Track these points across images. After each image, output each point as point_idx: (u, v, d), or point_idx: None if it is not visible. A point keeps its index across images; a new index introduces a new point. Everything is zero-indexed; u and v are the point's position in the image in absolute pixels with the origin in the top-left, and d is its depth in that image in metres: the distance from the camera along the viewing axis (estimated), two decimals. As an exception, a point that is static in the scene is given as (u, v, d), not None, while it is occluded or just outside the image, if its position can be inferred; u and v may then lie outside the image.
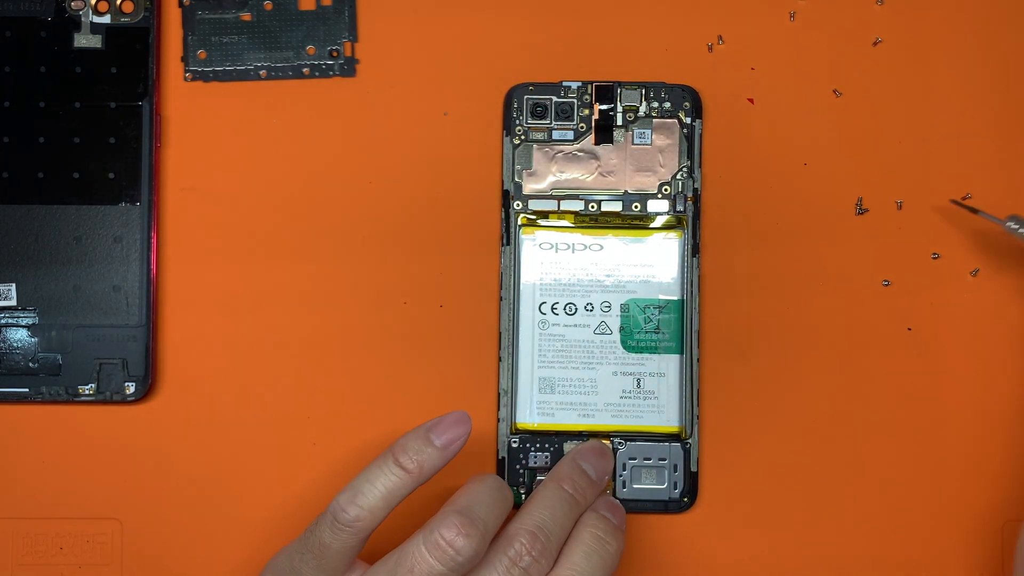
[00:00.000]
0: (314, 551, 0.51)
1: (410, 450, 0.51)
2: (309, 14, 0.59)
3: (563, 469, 0.54)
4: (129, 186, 0.58)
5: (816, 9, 0.59)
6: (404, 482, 0.51)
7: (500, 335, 0.57)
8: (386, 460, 0.51)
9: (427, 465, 0.51)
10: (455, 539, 0.49)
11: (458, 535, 0.49)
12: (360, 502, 0.50)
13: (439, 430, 0.52)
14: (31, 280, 0.57)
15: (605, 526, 0.53)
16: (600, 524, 0.53)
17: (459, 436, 0.52)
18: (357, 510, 0.50)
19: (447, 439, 0.52)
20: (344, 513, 0.50)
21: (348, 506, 0.50)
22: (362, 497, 0.51)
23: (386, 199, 0.58)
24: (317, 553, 0.51)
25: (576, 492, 0.53)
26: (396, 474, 0.51)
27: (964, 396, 0.58)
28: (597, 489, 0.55)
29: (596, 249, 0.57)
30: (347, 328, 0.58)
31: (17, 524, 0.58)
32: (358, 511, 0.50)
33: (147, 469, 0.58)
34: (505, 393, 0.57)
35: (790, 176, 0.59)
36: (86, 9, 0.58)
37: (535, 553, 0.50)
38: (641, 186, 0.57)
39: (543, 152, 0.58)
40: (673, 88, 0.58)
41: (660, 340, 0.57)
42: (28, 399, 0.57)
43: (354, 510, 0.50)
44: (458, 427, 0.52)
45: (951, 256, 0.58)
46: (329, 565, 0.51)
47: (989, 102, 0.59)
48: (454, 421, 0.52)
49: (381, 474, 0.51)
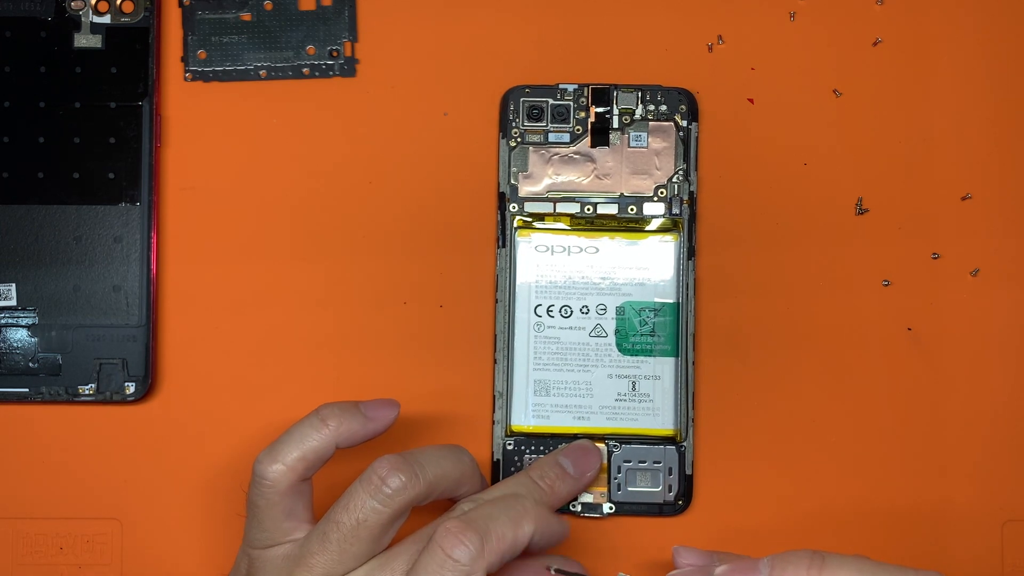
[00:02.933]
0: (249, 511, 0.52)
1: (334, 408, 0.53)
2: (309, 14, 0.59)
3: (538, 461, 0.55)
4: (129, 186, 0.58)
5: (816, 9, 0.59)
6: (322, 436, 0.52)
7: (496, 337, 0.57)
8: (308, 418, 0.52)
9: (346, 426, 0.52)
10: (387, 475, 0.50)
11: (390, 471, 0.50)
12: (275, 454, 0.51)
13: (369, 404, 0.53)
14: (31, 280, 0.57)
15: None
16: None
17: (385, 415, 0.53)
18: (271, 461, 0.51)
19: (373, 413, 0.53)
20: (259, 465, 0.51)
21: (264, 459, 0.51)
22: (278, 450, 0.51)
23: (386, 199, 0.58)
24: (251, 515, 0.52)
25: (542, 481, 0.54)
26: (315, 428, 0.52)
27: (964, 396, 0.58)
28: (573, 484, 0.55)
29: (592, 252, 0.57)
30: (347, 328, 0.58)
31: (17, 524, 0.58)
32: (273, 463, 0.51)
33: (147, 469, 0.58)
34: (500, 395, 0.57)
35: (790, 176, 0.59)
36: (86, 9, 0.58)
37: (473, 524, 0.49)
38: (637, 189, 0.57)
39: (539, 154, 0.58)
40: (669, 91, 0.58)
41: (655, 343, 0.57)
42: (28, 399, 0.57)
43: (268, 461, 0.51)
44: (386, 407, 0.54)
45: (951, 256, 0.58)
46: (265, 522, 0.52)
47: (989, 102, 0.59)
48: (384, 403, 0.54)
49: (300, 429, 0.52)
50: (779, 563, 0.48)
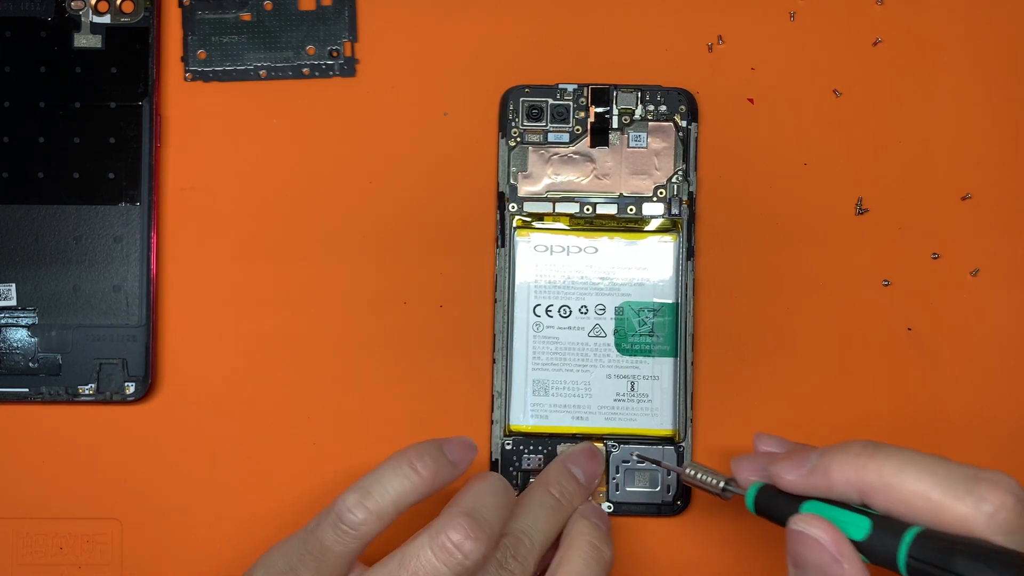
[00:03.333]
0: (314, 552, 0.49)
1: (426, 457, 0.50)
2: (309, 14, 0.59)
3: (551, 473, 0.54)
4: (129, 186, 0.58)
5: (816, 9, 0.59)
6: (416, 487, 0.49)
7: (494, 337, 0.57)
8: (399, 463, 0.50)
9: (440, 475, 0.50)
10: (463, 542, 0.47)
11: (466, 538, 0.47)
12: (369, 504, 0.49)
13: (451, 448, 0.51)
14: (31, 280, 0.57)
15: (599, 534, 0.52)
16: (594, 532, 0.52)
17: (468, 458, 0.52)
18: (365, 513, 0.49)
19: (458, 457, 0.51)
20: (351, 515, 0.48)
21: (356, 508, 0.49)
22: (371, 499, 0.49)
23: (386, 199, 0.58)
24: (317, 555, 0.49)
25: (562, 496, 0.53)
26: (409, 478, 0.49)
27: (964, 396, 0.58)
28: (585, 493, 0.55)
29: (591, 252, 0.57)
30: (347, 328, 0.58)
31: (17, 524, 0.58)
32: (366, 514, 0.49)
33: (147, 469, 0.58)
34: (499, 395, 0.57)
35: (790, 176, 0.59)
36: (86, 9, 0.58)
37: (519, 557, 0.50)
38: (636, 189, 0.57)
39: (539, 154, 0.58)
40: (669, 91, 0.58)
41: (654, 343, 0.57)
42: (28, 399, 0.57)
43: (362, 512, 0.49)
44: (468, 451, 0.52)
45: (951, 256, 0.58)
46: (328, 568, 0.49)
47: (989, 102, 0.59)
48: (465, 444, 0.52)
49: (394, 476, 0.49)
50: (831, 451, 0.46)
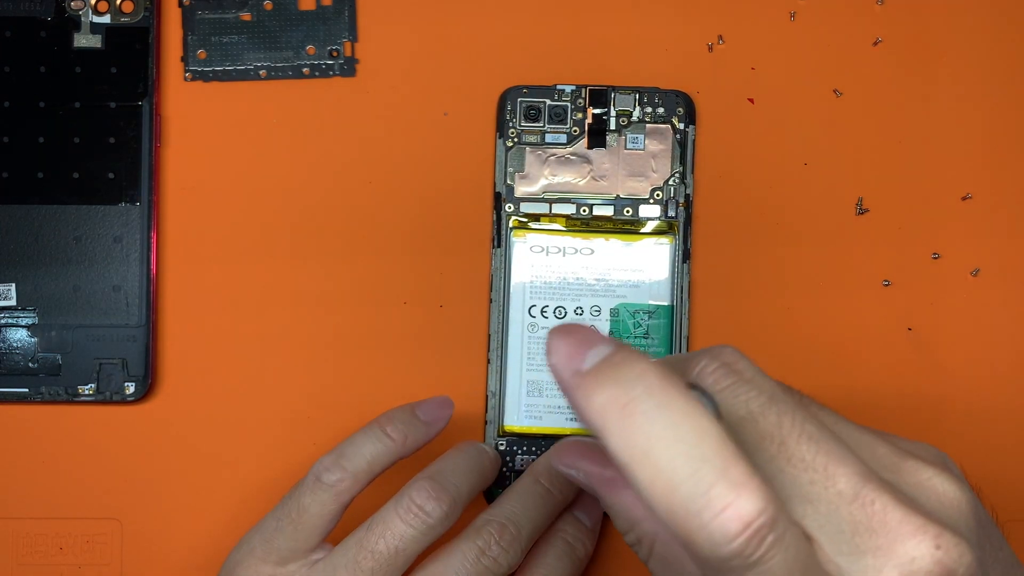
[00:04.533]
0: (291, 516, 0.51)
1: (396, 420, 0.52)
2: (309, 14, 0.59)
3: (541, 463, 0.54)
4: (129, 186, 0.58)
5: (816, 9, 0.59)
6: (388, 449, 0.51)
7: (489, 337, 0.58)
8: (372, 428, 0.52)
9: (411, 437, 0.52)
10: (425, 502, 0.49)
11: (428, 498, 0.49)
12: (344, 463, 0.51)
13: (424, 408, 0.53)
14: (31, 280, 0.57)
15: (575, 530, 0.53)
16: (571, 528, 0.53)
17: (442, 417, 0.53)
18: (340, 471, 0.50)
19: (432, 417, 0.53)
20: (328, 473, 0.50)
21: (332, 467, 0.50)
22: (346, 460, 0.51)
23: (386, 199, 0.58)
24: (294, 518, 0.51)
25: (552, 486, 0.53)
26: (382, 441, 0.51)
27: (964, 396, 0.58)
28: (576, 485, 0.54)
29: (587, 253, 0.57)
30: (347, 328, 0.58)
31: (17, 524, 0.58)
32: (341, 472, 0.50)
33: (147, 469, 0.58)
34: (493, 395, 0.57)
35: (790, 176, 0.58)
36: (86, 9, 0.58)
37: (504, 543, 0.50)
38: (633, 191, 0.57)
39: (536, 155, 0.58)
40: (667, 93, 0.58)
41: (649, 345, 0.57)
42: (28, 399, 0.57)
43: (337, 471, 0.50)
44: (443, 409, 0.53)
45: (951, 256, 0.58)
46: (305, 530, 0.51)
47: (989, 102, 0.59)
48: (439, 403, 0.53)
49: (367, 440, 0.51)
50: None
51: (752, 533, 0.33)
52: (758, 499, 0.33)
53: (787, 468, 0.37)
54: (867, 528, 0.36)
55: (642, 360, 0.36)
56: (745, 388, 0.38)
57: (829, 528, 0.37)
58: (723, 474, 0.33)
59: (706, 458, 0.34)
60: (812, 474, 0.37)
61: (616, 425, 0.35)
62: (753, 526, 0.33)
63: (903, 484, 0.39)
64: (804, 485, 0.37)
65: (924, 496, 0.39)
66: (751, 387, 0.38)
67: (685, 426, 0.34)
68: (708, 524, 0.33)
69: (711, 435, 0.34)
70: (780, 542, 0.34)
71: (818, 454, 0.37)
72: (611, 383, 0.35)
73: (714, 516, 0.33)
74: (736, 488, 0.33)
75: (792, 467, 0.37)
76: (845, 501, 0.37)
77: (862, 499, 0.36)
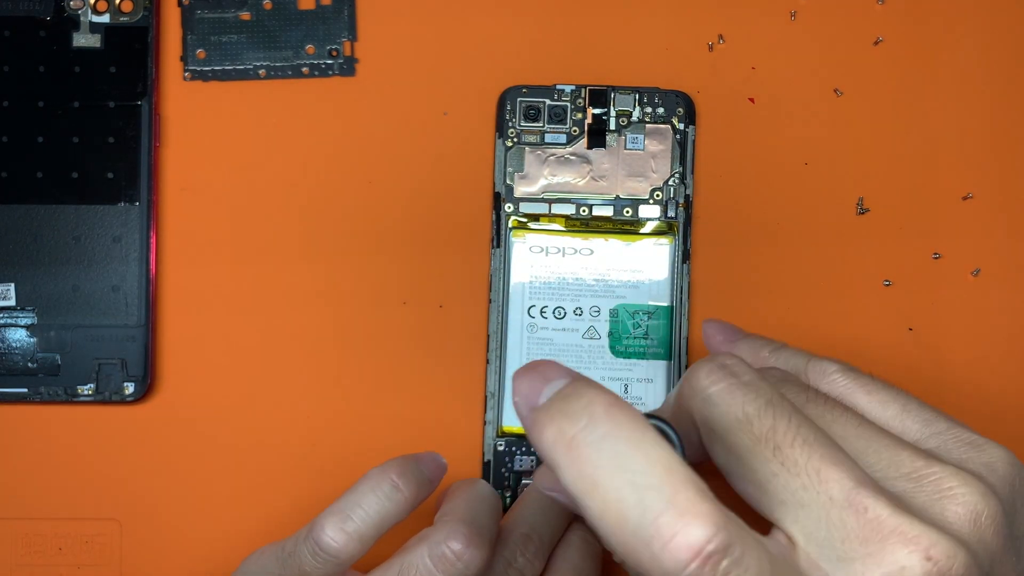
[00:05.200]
0: (291, 568, 0.48)
1: (408, 474, 0.48)
2: (308, 13, 0.59)
3: None
4: (128, 186, 0.58)
5: (816, 9, 0.59)
6: (399, 507, 0.48)
7: (488, 337, 0.57)
8: (380, 482, 0.48)
9: (421, 494, 0.49)
10: (464, 552, 0.46)
11: (467, 547, 0.46)
12: (348, 528, 0.47)
13: (426, 465, 0.50)
14: (30, 280, 0.57)
15: (588, 527, 0.52)
16: (584, 524, 0.52)
17: (439, 476, 0.50)
18: (345, 537, 0.47)
19: (432, 475, 0.50)
20: (330, 541, 0.46)
21: (336, 533, 0.46)
22: (351, 522, 0.47)
23: (385, 199, 0.58)
24: (294, 572, 0.48)
25: None
26: (391, 498, 0.47)
27: (964, 396, 0.58)
28: None
29: (586, 253, 0.57)
30: (346, 328, 0.58)
31: (16, 524, 0.58)
32: (346, 539, 0.47)
33: (146, 469, 0.58)
34: (492, 396, 0.57)
35: (790, 176, 0.58)
36: (85, 8, 0.58)
37: (528, 555, 0.49)
38: (633, 191, 0.57)
39: (535, 155, 0.57)
40: (667, 93, 0.58)
41: (648, 346, 0.57)
42: (27, 399, 0.57)
43: (342, 537, 0.47)
44: (440, 469, 0.51)
45: (951, 256, 0.58)
46: None
47: (989, 102, 0.59)
48: (436, 463, 0.51)
49: (375, 497, 0.48)
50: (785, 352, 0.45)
51: (703, 560, 0.33)
52: (707, 526, 0.33)
53: (780, 472, 0.37)
54: (857, 535, 0.36)
55: (591, 390, 0.35)
56: (742, 391, 0.38)
57: (819, 534, 0.37)
58: (670, 502, 0.33)
59: (652, 486, 0.33)
60: (804, 479, 0.37)
61: (565, 458, 0.35)
62: (703, 553, 0.33)
63: (921, 492, 0.38)
64: (796, 490, 0.37)
65: (941, 506, 0.38)
66: (747, 390, 0.38)
67: (632, 455, 0.34)
68: (659, 554, 0.33)
69: (659, 462, 0.34)
70: (738, 565, 0.34)
71: (811, 459, 0.37)
72: (559, 416, 0.35)
73: (663, 545, 0.33)
74: (683, 515, 0.33)
75: (786, 471, 0.37)
76: (836, 507, 0.36)
77: (854, 505, 0.36)
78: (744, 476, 0.38)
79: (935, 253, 0.58)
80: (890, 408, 0.43)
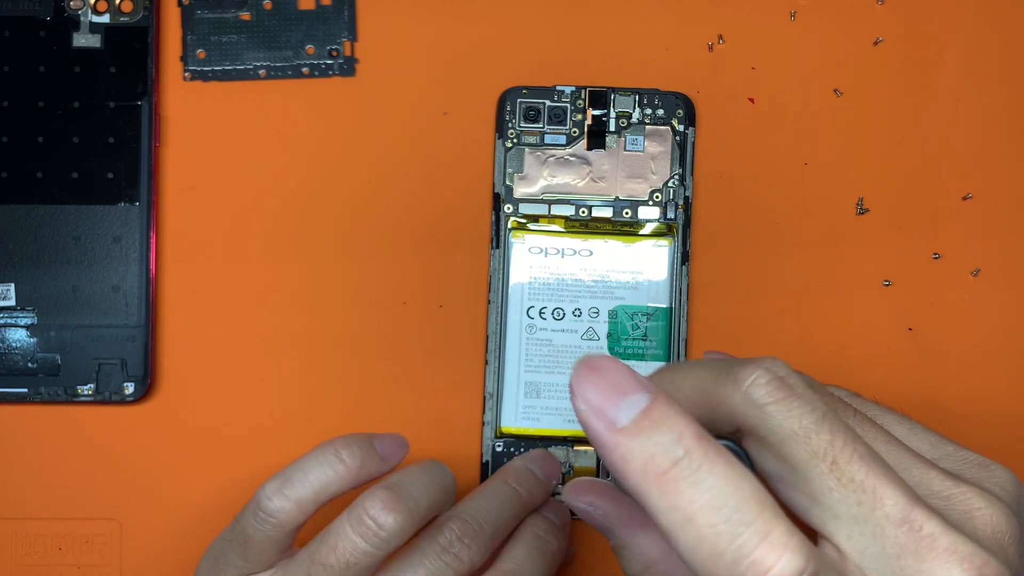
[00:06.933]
0: (239, 539, 0.49)
1: (353, 446, 0.49)
2: (308, 13, 0.59)
3: (509, 467, 0.54)
4: (128, 186, 0.58)
5: (816, 9, 0.59)
6: (340, 476, 0.49)
7: (487, 338, 0.57)
8: (324, 451, 0.49)
9: (366, 467, 0.49)
10: (379, 514, 0.46)
11: (383, 510, 0.46)
12: (288, 492, 0.48)
13: (382, 442, 0.50)
14: (30, 280, 0.57)
15: (546, 525, 0.52)
16: (541, 523, 0.52)
17: (398, 456, 0.51)
18: (283, 500, 0.48)
19: (388, 453, 0.50)
20: (268, 502, 0.48)
21: (274, 495, 0.48)
22: (291, 487, 0.48)
23: (385, 199, 0.58)
24: (241, 542, 0.49)
25: (519, 486, 0.52)
26: (333, 467, 0.49)
27: (964, 396, 0.58)
28: (544, 489, 0.54)
29: (586, 254, 0.57)
30: (346, 328, 0.58)
31: (16, 524, 0.58)
32: (283, 501, 0.48)
33: (146, 469, 0.58)
34: (491, 396, 0.57)
35: (790, 176, 0.58)
36: (85, 8, 0.58)
37: (466, 539, 0.49)
38: (632, 192, 0.57)
39: (535, 156, 0.57)
40: (667, 95, 0.58)
41: (647, 347, 0.57)
42: (27, 399, 0.57)
43: (279, 500, 0.48)
44: (399, 447, 0.51)
45: (951, 256, 0.58)
46: (253, 555, 0.49)
47: (989, 101, 0.59)
48: (396, 440, 0.51)
49: (317, 464, 0.49)
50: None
51: None
52: (800, 559, 0.34)
53: (836, 488, 0.37)
54: (913, 552, 0.36)
55: (680, 418, 0.35)
56: (798, 404, 0.38)
57: (873, 550, 0.37)
58: (766, 537, 0.34)
59: (747, 522, 0.34)
60: (861, 495, 0.37)
61: (657, 490, 0.35)
62: None
63: (953, 512, 0.38)
64: (852, 506, 0.37)
65: (972, 525, 0.38)
66: (804, 403, 0.38)
67: (728, 491, 0.34)
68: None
69: (752, 497, 0.34)
70: None
71: (868, 475, 0.37)
72: (651, 444, 0.35)
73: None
74: (778, 550, 0.34)
75: (842, 487, 0.37)
76: (892, 524, 0.36)
77: (910, 523, 0.36)
78: (796, 486, 0.38)
79: (935, 253, 0.58)
80: (897, 430, 0.44)
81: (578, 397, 0.36)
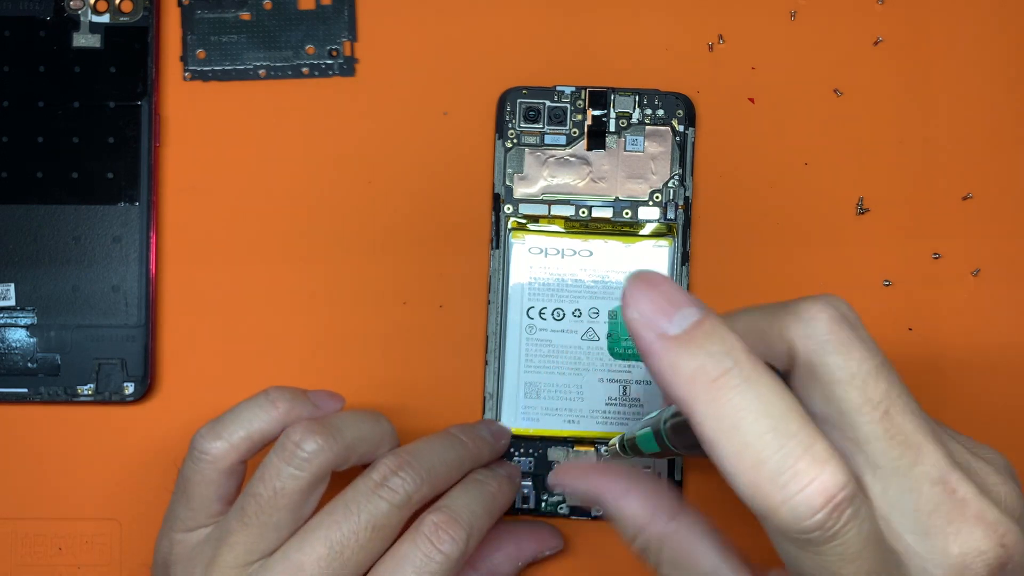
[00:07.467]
0: (180, 486, 0.50)
1: (286, 392, 0.51)
2: (308, 13, 0.59)
3: (459, 425, 0.54)
4: (128, 186, 0.58)
5: (816, 9, 0.59)
6: (271, 417, 0.50)
7: (487, 338, 0.57)
8: (257, 396, 0.51)
9: (295, 412, 0.50)
10: (300, 438, 0.48)
11: (304, 433, 0.48)
12: (219, 429, 0.50)
13: (316, 394, 0.52)
14: (30, 280, 0.57)
15: (486, 471, 0.53)
16: (485, 471, 0.53)
17: (329, 406, 0.52)
18: (214, 437, 0.50)
19: (321, 402, 0.52)
20: (201, 440, 0.50)
21: (207, 433, 0.50)
22: (222, 426, 0.50)
23: (385, 199, 0.58)
24: (182, 489, 0.50)
25: (464, 435, 0.53)
26: (263, 408, 0.50)
27: (964, 396, 0.58)
28: (491, 447, 0.54)
29: (586, 255, 0.57)
30: (346, 328, 0.58)
31: (16, 524, 0.58)
32: (214, 439, 0.50)
33: (146, 469, 0.58)
34: (491, 396, 0.57)
35: (790, 176, 0.58)
36: (85, 8, 0.58)
37: (401, 472, 0.49)
38: (632, 193, 0.57)
39: (535, 156, 0.57)
40: (667, 95, 0.58)
41: (647, 348, 0.57)
42: (27, 399, 0.57)
43: (211, 437, 0.50)
44: (332, 400, 0.52)
45: (951, 256, 0.58)
46: (196, 499, 0.50)
47: (990, 101, 0.59)
48: (330, 395, 0.52)
49: (248, 406, 0.50)
50: None
51: (834, 507, 0.35)
52: (841, 474, 0.35)
53: (883, 438, 0.37)
54: (944, 513, 0.37)
55: (730, 334, 0.36)
56: (860, 347, 0.38)
57: (904, 505, 0.37)
58: (808, 450, 0.35)
59: (792, 433, 0.35)
60: (905, 449, 0.37)
61: (705, 396, 0.36)
62: (835, 500, 0.35)
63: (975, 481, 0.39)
64: (894, 459, 0.37)
65: (992, 496, 0.39)
66: (865, 348, 0.38)
67: (772, 401, 0.35)
68: (792, 497, 0.35)
69: (796, 412, 0.35)
70: (857, 516, 0.35)
71: (915, 431, 0.38)
72: (702, 354, 0.36)
73: (799, 489, 0.35)
74: (820, 463, 0.35)
75: (889, 438, 0.37)
76: (929, 482, 0.37)
77: (945, 483, 0.37)
78: (841, 430, 0.38)
79: (935, 253, 0.58)
80: None
81: (631, 307, 0.37)
